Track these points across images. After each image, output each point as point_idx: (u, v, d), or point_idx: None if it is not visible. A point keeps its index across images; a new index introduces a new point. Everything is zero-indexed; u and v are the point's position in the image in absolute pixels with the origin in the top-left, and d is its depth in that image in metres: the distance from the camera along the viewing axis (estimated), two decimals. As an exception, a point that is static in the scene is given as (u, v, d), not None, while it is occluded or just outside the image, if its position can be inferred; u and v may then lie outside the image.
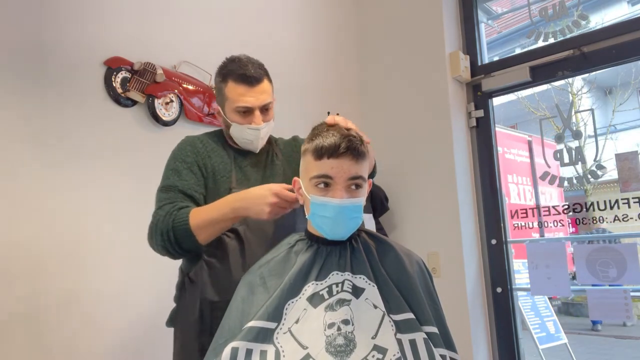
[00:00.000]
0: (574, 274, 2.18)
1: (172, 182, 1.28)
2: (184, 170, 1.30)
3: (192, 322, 1.25)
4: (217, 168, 1.34)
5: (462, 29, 2.63)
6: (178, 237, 1.19)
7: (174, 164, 1.32)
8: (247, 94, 1.31)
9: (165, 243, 1.21)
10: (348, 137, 1.00)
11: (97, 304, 1.71)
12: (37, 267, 1.59)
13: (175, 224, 1.19)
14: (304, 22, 2.69)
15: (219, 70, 1.36)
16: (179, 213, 1.21)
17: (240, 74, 1.30)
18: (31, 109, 1.63)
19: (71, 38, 1.75)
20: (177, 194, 1.27)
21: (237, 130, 1.34)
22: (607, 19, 6.13)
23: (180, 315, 1.31)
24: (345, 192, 1.00)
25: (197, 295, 1.26)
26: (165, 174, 1.33)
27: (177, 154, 1.34)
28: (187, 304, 1.28)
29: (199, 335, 1.23)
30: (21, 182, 1.58)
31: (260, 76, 1.33)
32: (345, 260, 1.05)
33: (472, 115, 2.52)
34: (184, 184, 1.28)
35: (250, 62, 1.34)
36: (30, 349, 1.54)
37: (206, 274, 1.26)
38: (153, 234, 1.23)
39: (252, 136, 1.34)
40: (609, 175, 2.24)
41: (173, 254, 1.23)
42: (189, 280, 1.28)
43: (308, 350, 0.94)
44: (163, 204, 1.25)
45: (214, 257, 1.27)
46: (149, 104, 1.92)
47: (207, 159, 1.34)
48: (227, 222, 1.21)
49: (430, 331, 1.00)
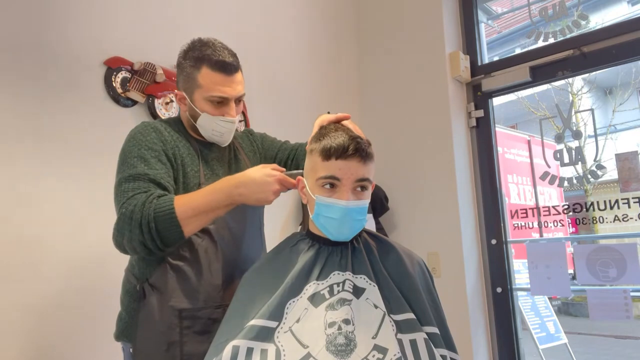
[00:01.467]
0: (574, 274, 2.18)
1: (139, 170, 1.11)
2: (152, 158, 1.13)
3: (159, 333, 1.12)
4: (185, 160, 1.21)
5: (462, 29, 2.64)
6: (161, 229, 1.03)
7: (139, 151, 1.14)
8: (224, 83, 1.19)
9: (144, 237, 1.03)
10: (356, 138, 1.01)
11: (98, 304, 1.70)
12: (37, 266, 1.59)
13: (157, 213, 1.03)
14: (304, 21, 2.69)
15: (186, 52, 1.23)
16: (159, 201, 1.05)
17: (217, 61, 1.18)
18: (31, 109, 1.63)
19: (71, 38, 1.75)
20: (148, 183, 1.10)
21: (207, 121, 1.21)
22: (607, 19, 6.14)
23: (141, 327, 1.15)
24: (351, 193, 1.00)
25: (163, 304, 1.13)
26: (127, 162, 1.14)
27: (140, 140, 1.16)
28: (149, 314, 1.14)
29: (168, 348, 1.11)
30: (21, 182, 1.58)
31: (237, 65, 1.23)
32: (346, 260, 1.05)
33: (472, 115, 2.53)
34: (155, 173, 1.11)
35: (225, 48, 1.23)
36: (30, 348, 1.54)
37: (173, 279, 1.13)
38: (125, 228, 1.05)
39: (225, 129, 1.23)
40: (609, 175, 2.24)
41: (151, 249, 1.06)
42: (150, 287, 1.14)
43: (309, 349, 0.94)
44: (133, 193, 1.07)
45: (181, 260, 1.15)
46: (149, 104, 1.92)
47: (176, 149, 1.20)
48: (220, 210, 1.09)
49: (431, 331, 1.00)
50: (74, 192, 1.69)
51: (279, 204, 2.34)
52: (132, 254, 1.12)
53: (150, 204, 1.04)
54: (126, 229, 1.05)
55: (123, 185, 1.11)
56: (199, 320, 1.15)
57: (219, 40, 1.25)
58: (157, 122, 1.26)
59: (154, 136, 1.18)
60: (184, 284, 1.15)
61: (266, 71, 2.41)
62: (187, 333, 1.13)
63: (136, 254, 1.10)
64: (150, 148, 1.15)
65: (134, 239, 1.05)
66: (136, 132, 1.20)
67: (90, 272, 1.70)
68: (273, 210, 2.29)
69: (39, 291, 1.58)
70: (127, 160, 1.14)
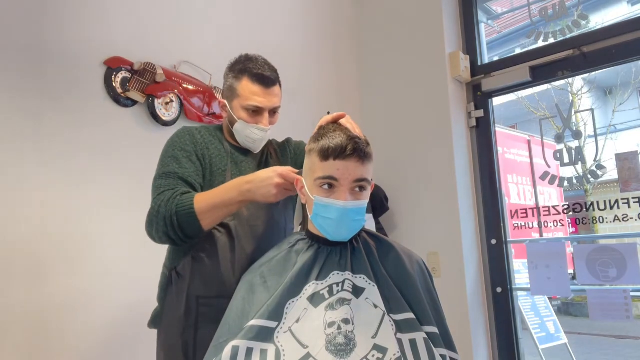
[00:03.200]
0: (574, 274, 2.18)
1: (171, 169, 1.26)
2: (183, 158, 1.28)
3: (178, 317, 1.24)
4: (214, 161, 1.33)
5: (462, 29, 2.64)
6: (182, 223, 1.16)
7: (173, 152, 1.29)
8: (260, 94, 1.31)
9: (167, 229, 1.17)
10: (354, 139, 1.01)
11: (98, 304, 1.71)
12: (36, 266, 1.59)
13: (179, 209, 1.16)
14: (304, 22, 2.69)
15: (233, 65, 1.36)
16: (182, 198, 1.18)
17: (257, 74, 1.31)
18: (31, 109, 1.63)
19: (71, 38, 1.75)
20: (177, 181, 1.24)
21: (242, 127, 1.33)
22: (607, 19, 6.14)
23: (166, 312, 1.29)
24: (349, 194, 1.00)
25: (184, 290, 1.24)
26: (163, 161, 1.30)
27: (175, 142, 1.32)
28: (173, 299, 1.27)
29: (183, 331, 1.22)
30: (21, 182, 1.58)
31: (275, 79, 1.34)
32: (345, 260, 1.05)
33: (472, 115, 2.53)
34: (184, 172, 1.26)
35: (266, 64, 1.35)
36: (30, 349, 1.54)
37: (194, 269, 1.25)
38: (154, 220, 1.20)
39: (258, 136, 1.34)
40: (609, 175, 2.24)
41: (175, 240, 1.20)
42: (177, 274, 1.27)
43: (308, 350, 0.94)
44: (163, 190, 1.22)
45: (203, 252, 1.26)
46: (149, 104, 1.92)
47: (205, 150, 1.33)
48: (234, 206, 1.18)
49: (431, 331, 1.00)
50: (74, 191, 1.70)
51: (279, 204, 2.34)
52: (160, 242, 1.23)
53: (174, 199, 1.18)
54: (154, 221, 1.19)
55: (157, 181, 1.26)
56: (213, 308, 1.21)
57: (262, 57, 1.37)
58: (194, 127, 1.40)
59: (188, 139, 1.32)
60: (203, 274, 1.25)
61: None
62: (202, 319, 1.23)
63: (163, 242, 1.23)
64: (182, 149, 1.29)
65: (160, 230, 1.18)
66: (174, 135, 1.35)
67: (91, 270, 1.70)
68: (273, 210, 2.30)
69: (39, 291, 1.58)
70: (163, 160, 1.30)
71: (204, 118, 2.10)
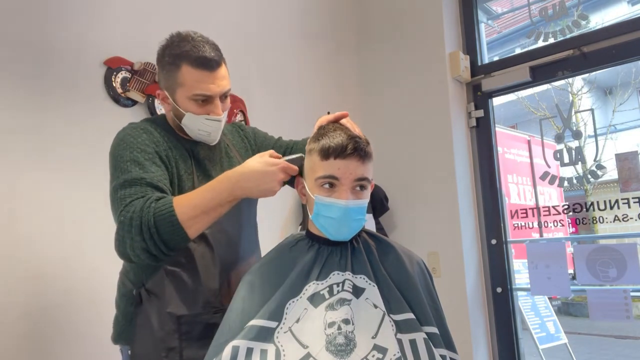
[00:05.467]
0: (574, 274, 2.18)
1: (135, 174, 1.05)
2: (146, 161, 1.08)
3: (156, 340, 1.09)
4: (179, 162, 1.17)
5: (462, 29, 2.64)
6: (163, 234, 0.98)
7: (131, 155, 1.08)
8: (207, 80, 1.12)
9: (147, 244, 0.98)
10: (354, 138, 1.01)
11: (97, 304, 1.70)
12: (36, 266, 1.59)
13: (157, 217, 0.97)
14: (304, 22, 2.69)
15: (166, 50, 1.15)
16: (157, 204, 0.99)
17: (197, 57, 1.11)
18: (31, 109, 1.63)
19: (71, 38, 1.75)
20: (145, 188, 1.04)
21: (192, 120, 1.15)
22: (607, 19, 6.14)
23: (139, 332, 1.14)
24: (350, 193, 1.00)
25: (160, 310, 1.10)
26: (120, 167, 1.08)
27: (131, 142, 1.11)
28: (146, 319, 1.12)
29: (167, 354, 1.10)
30: (20, 182, 1.58)
31: (220, 59, 1.15)
32: (346, 260, 1.05)
33: (472, 115, 2.53)
34: (152, 176, 1.06)
35: (205, 41, 1.14)
36: (30, 348, 1.54)
37: (170, 286, 1.11)
38: (126, 236, 1.00)
39: (212, 128, 1.17)
40: (609, 175, 2.24)
41: (157, 256, 1.01)
42: (147, 292, 1.12)
43: (308, 350, 0.94)
44: (131, 199, 1.02)
45: (178, 266, 1.12)
46: (149, 104, 1.92)
47: (169, 151, 1.15)
48: (224, 208, 1.04)
49: (431, 331, 1.00)
50: (74, 192, 1.69)
51: (279, 204, 2.34)
52: (138, 262, 1.05)
53: (148, 208, 0.99)
54: (127, 237, 1.00)
55: (119, 192, 1.05)
56: (197, 325, 1.14)
57: (198, 33, 1.16)
58: (144, 122, 1.20)
59: (145, 137, 1.13)
60: (182, 290, 1.12)
61: (266, 71, 2.41)
62: (186, 339, 1.12)
63: (142, 262, 1.03)
64: (142, 150, 1.09)
65: (136, 247, 1.00)
66: (125, 134, 1.14)
67: (89, 273, 1.70)
68: (273, 210, 2.30)
69: (38, 291, 1.58)
70: (119, 165, 1.08)
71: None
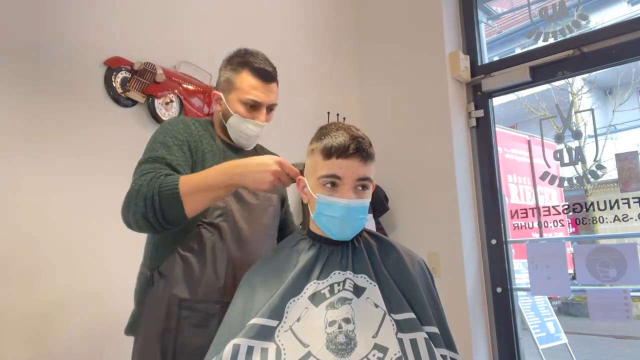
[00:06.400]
0: (574, 274, 2.18)
1: (160, 154, 1.17)
2: (174, 146, 1.20)
3: (157, 320, 1.17)
4: (207, 156, 1.27)
5: (462, 29, 2.64)
6: (163, 205, 1.06)
7: (163, 138, 1.21)
8: (260, 88, 1.27)
9: (146, 210, 1.07)
10: (357, 138, 1.01)
11: (97, 304, 1.71)
12: (36, 267, 1.59)
13: (162, 188, 1.07)
14: (304, 22, 2.69)
15: (231, 58, 1.32)
16: (166, 179, 1.09)
17: (257, 67, 1.27)
18: (31, 109, 1.63)
19: (71, 38, 1.75)
20: (164, 166, 1.15)
21: (237, 122, 1.28)
22: (607, 19, 6.14)
23: (144, 315, 1.21)
24: (352, 192, 1.01)
25: (166, 291, 1.18)
26: (150, 146, 1.21)
27: (167, 129, 1.24)
28: (153, 301, 1.19)
29: (162, 334, 1.16)
30: (21, 182, 1.58)
31: (274, 76, 1.32)
32: (347, 260, 1.05)
33: (472, 115, 2.53)
34: (173, 159, 1.17)
35: (267, 60, 1.32)
36: (30, 349, 1.54)
37: (179, 269, 1.18)
38: (132, 201, 1.09)
39: (253, 132, 1.29)
40: (609, 175, 2.24)
41: (154, 225, 1.09)
42: (159, 274, 1.20)
43: (309, 348, 0.94)
44: (147, 172, 1.12)
45: (190, 252, 1.20)
46: (149, 104, 1.92)
47: (199, 144, 1.27)
48: (221, 191, 1.10)
49: (431, 331, 1.00)
50: (74, 191, 1.69)
51: (279, 204, 2.34)
52: (136, 228, 1.12)
53: (157, 179, 1.09)
54: (132, 202, 1.09)
55: (142, 165, 1.17)
56: (196, 312, 1.18)
57: (262, 53, 1.34)
58: (189, 118, 1.34)
59: (182, 127, 1.26)
60: (188, 275, 1.19)
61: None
62: (184, 323, 1.17)
63: (139, 228, 1.12)
64: (174, 136, 1.22)
65: (137, 212, 1.08)
66: (166, 122, 1.28)
67: (91, 271, 1.70)
68: (273, 210, 2.30)
69: (39, 291, 1.58)
70: (151, 145, 1.22)
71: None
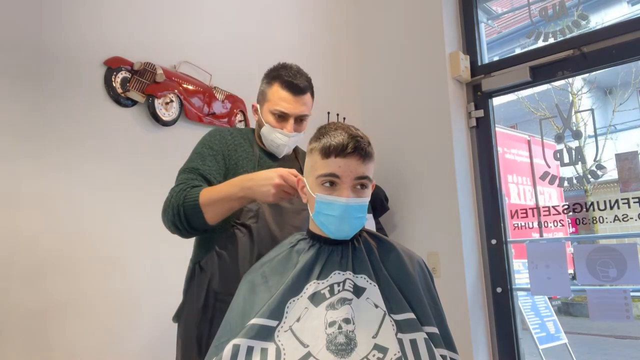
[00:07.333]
0: (574, 274, 2.18)
1: (195, 164, 1.33)
2: (209, 156, 1.35)
3: (197, 310, 1.28)
4: (240, 163, 1.39)
5: (462, 29, 2.64)
6: (187, 214, 1.22)
7: (201, 149, 1.37)
8: (288, 100, 1.37)
9: (175, 219, 1.24)
10: (356, 137, 1.01)
11: (97, 304, 1.71)
12: (37, 266, 1.59)
13: (186, 200, 1.23)
14: (303, 23, 2.69)
15: (268, 72, 1.43)
16: (191, 191, 1.24)
17: (287, 81, 1.36)
18: (31, 109, 1.63)
19: (71, 38, 1.75)
20: (197, 176, 1.31)
21: (268, 131, 1.40)
22: (607, 19, 6.14)
23: (187, 304, 1.33)
24: (351, 191, 1.01)
25: (204, 284, 1.29)
26: (190, 156, 1.38)
27: (206, 139, 1.40)
28: (194, 292, 1.31)
29: (200, 323, 1.26)
30: (21, 182, 1.58)
31: (305, 88, 1.39)
32: (346, 260, 1.05)
33: (472, 115, 2.53)
34: (205, 169, 1.33)
35: (300, 72, 1.40)
36: (30, 349, 1.54)
37: (216, 264, 1.29)
38: (167, 209, 1.26)
39: (281, 141, 1.39)
40: (609, 175, 2.24)
41: (182, 231, 1.26)
42: (199, 268, 1.31)
43: (309, 349, 0.94)
44: (180, 182, 1.30)
45: (225, 249, 1.30)
46: (149, 104, 1.92)
47: (233, 152, 1.40)
48: (235, 202, 1.22)
49: (431, 331, 1.00)
50: (74, 191, 1.70)
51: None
52: (170, 231, 1.29)
53: (184, 191, 1.25)
54: (166, 210, 1.27)
55: (180, 175, 1.34)
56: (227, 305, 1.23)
57: (298, 66, 1.43)
58: (227, 128, 1.48)
59: (218, 138, 1.40)
60: (223, 270, 1.29)
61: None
62: (218, 315, 1.23)
63: (172, 231, 1.29)
64: (210, 147, 1.37)
65: (169, 220, 1.26)
66: (207, 134, 1.43)
67: (92, 271, 1.70)
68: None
69: (40, 291, 1.58)
70: (191, 155, 1.38)
71: (204, 118, 2.10)
